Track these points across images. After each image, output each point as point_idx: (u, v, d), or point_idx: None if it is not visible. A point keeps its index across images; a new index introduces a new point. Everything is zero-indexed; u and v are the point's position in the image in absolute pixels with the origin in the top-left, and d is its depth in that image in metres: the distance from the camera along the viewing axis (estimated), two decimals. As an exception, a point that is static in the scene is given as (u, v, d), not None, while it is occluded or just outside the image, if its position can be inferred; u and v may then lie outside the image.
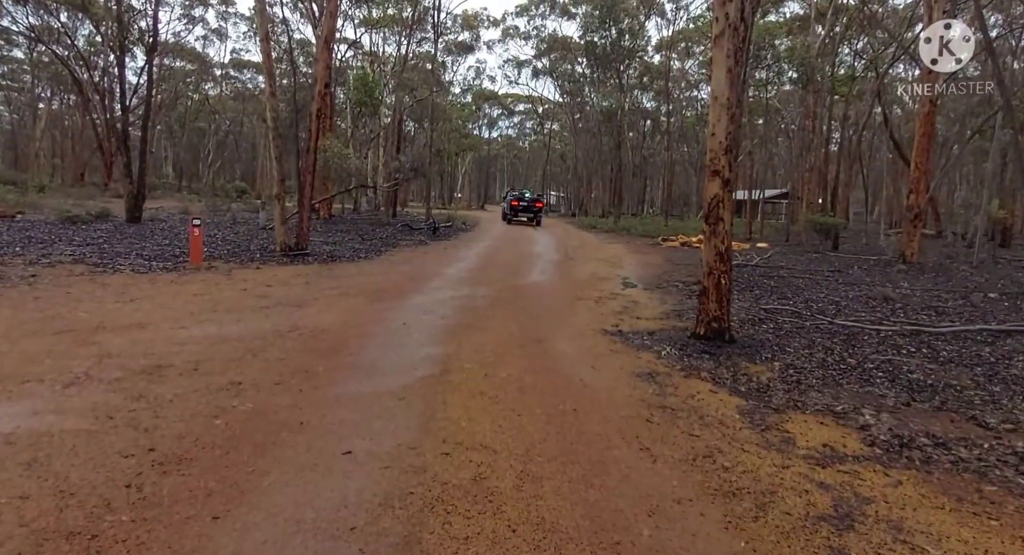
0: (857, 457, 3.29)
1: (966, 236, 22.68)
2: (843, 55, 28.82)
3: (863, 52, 29.36)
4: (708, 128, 5.77)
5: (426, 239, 16.91)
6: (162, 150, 54.86)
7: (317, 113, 11.30)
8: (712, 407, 3.96)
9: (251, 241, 12.57)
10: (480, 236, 19.72)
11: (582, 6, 36.40)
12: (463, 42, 41.70)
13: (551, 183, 61.95)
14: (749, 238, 23.90)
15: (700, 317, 5.85)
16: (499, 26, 43.50)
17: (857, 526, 2.53)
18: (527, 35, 44.27)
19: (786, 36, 31.35)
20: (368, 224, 20.49)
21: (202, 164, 52.92)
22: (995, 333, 6.66)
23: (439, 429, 3.19)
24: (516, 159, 72.15)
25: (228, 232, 14.36)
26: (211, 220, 17.83)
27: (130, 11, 15.72)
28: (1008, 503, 2.84)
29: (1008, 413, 4.03)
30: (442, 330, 5.68)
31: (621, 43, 33.87)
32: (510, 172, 74.40)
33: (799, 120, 32.46)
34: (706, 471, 2.97)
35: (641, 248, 18.68)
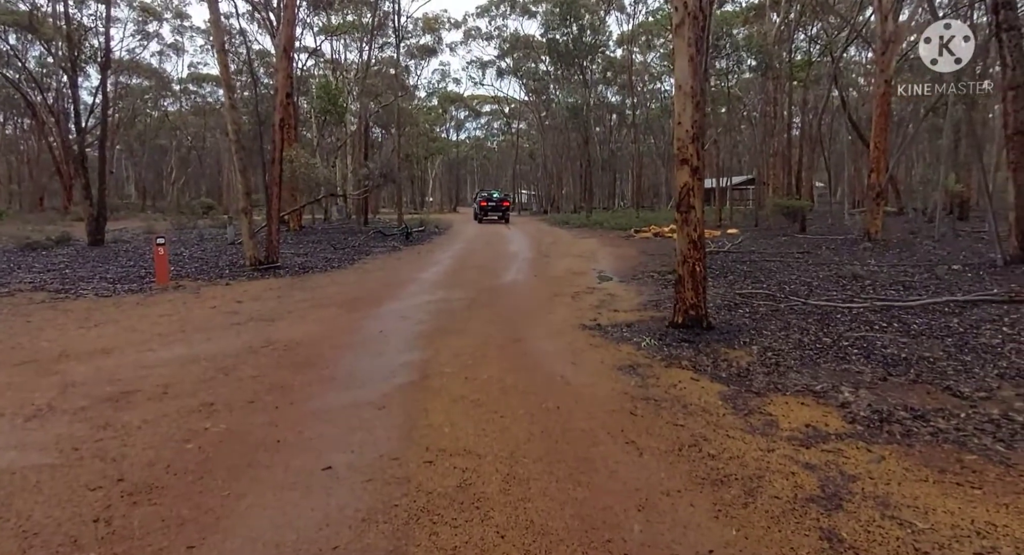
0: (840, 435, 3.32)
1: (926, 211, 23.38)
2: (799, 41, 29.45)
3: (818, 38, 30.05)
4: (675, 118, 5.79)
5: (399, 245, 16.73)
6: (123, 170, 53.30)
7: (280, 123, 11.06)
8: (695, 395, 3.96)
9: (220, 257, 12.26)
10: (453, 239, 19.60)
11: (542, 4, 36.51)
12: (425, 45, 41.45)
13: (522, 182, 62.02)
14: (720, 225, 24.24)
15: (677, 306, 5.87)
16: (460, 28, 43.39)
17: (845, 505, 2.54)
18: (489, 36, 44.22)
19: (743, 25, 31.93)
20: (340, 233, 20.18)
21: (166, 182, 51.62)
22: (962, 304, 6.85)
23: (421, 437, 3.12)
24: (486, 160, 72.06)
25: (196, 249, 13.99)
26: (177, 238, 17.37)
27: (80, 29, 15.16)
28: (989, 471, 2.88)
29: (981, 381, 4.13)
30: (419, 336, 5.59)
31: (582, 39, 34.06)
32: (480, 173, 74.24)
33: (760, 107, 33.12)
34: (693, 460, 2.95)
35: (614, 241, 18.78)
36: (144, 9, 36.12)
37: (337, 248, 15.11)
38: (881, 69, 15.93)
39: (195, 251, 13.57)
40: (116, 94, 40.21)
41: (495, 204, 30.32)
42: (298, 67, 30.94)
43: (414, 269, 11.24)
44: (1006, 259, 9.48)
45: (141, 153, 48.22)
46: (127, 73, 40.39)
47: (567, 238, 20.27)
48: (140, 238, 17.28)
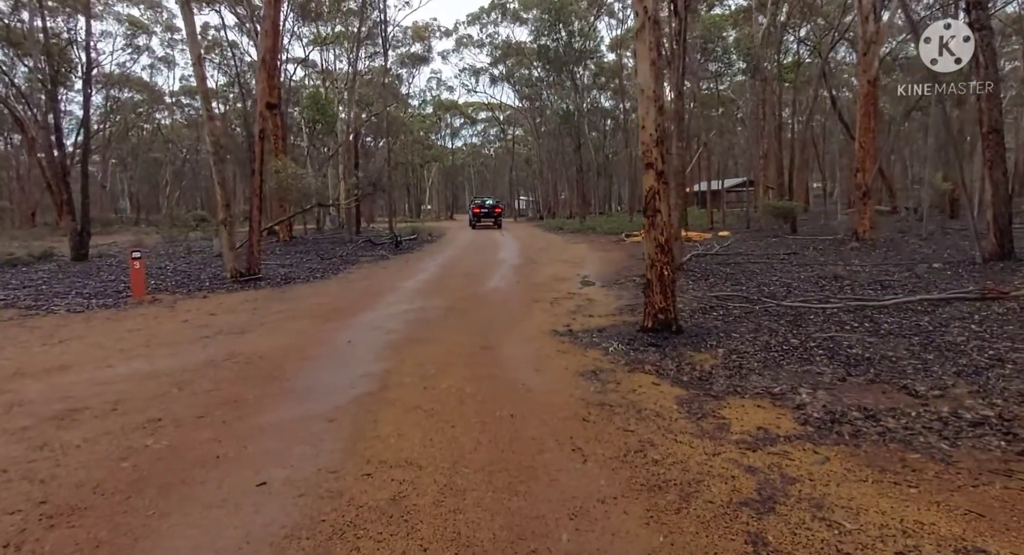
0: (789, 437, 3.31)
1: (917, 210, 23.44)
2: (788, 43, 29.63)
3: (807, 39, 30.24)
4: (639, 121, 5.81)
5: (387, 254, 16.73)
6: (118, 184, 53.41)
7: (260, 134, 11.08)
8: (651, 400, 3.95)
9: (204, 270, 12.26)
10: (444, 246, 19.61)
11: (532, 11, 36.68)
12: (415, 53, 41.65)
13: (519, 188, 62.12)
14: (711, 227, 24.28)
15: (647, 310, 5.87)
16: (452, 36, 43.60)
17: (779, 508, 2.53)
18: (481, 43, 44.37)
19: (732, 28, 32.12)
20: (330, 243, 20.18)
21: (161, 195, 51.70)
22: (935, 302, 6.85)
23: (365, 449, 3.10)
24: (483, 167, 72.14)
25: (181, 262, 13.99)
26: (165, 251, 17.40)
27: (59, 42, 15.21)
28: (928, 469, 2.88)
29: (937, 380, 4.12)
30: (388, 346, 5.58)
31: (572, 45, 34.26)
32: (478, 180, 74.29)
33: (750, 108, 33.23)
34: (635, 466, 2.94)
35: (605, 246, 18.79)
36: (133, 23, 36.28)
37: (324, 258, 15.11)
38: (864, 69, 16.00)
39: (180, 264, 13.57)
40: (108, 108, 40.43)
41: (488, 210, 31.83)
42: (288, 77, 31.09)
43: (398, 278, 11.24)
44: (984, 256, 9.49)
45: (135, 167, 48.31)
46: (118, 87, 40.56)
47: (558, 243, 20.28)
48: (127, 252, 17.23)
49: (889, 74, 29.33)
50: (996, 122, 9.63)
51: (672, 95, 11.25)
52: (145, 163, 49.43)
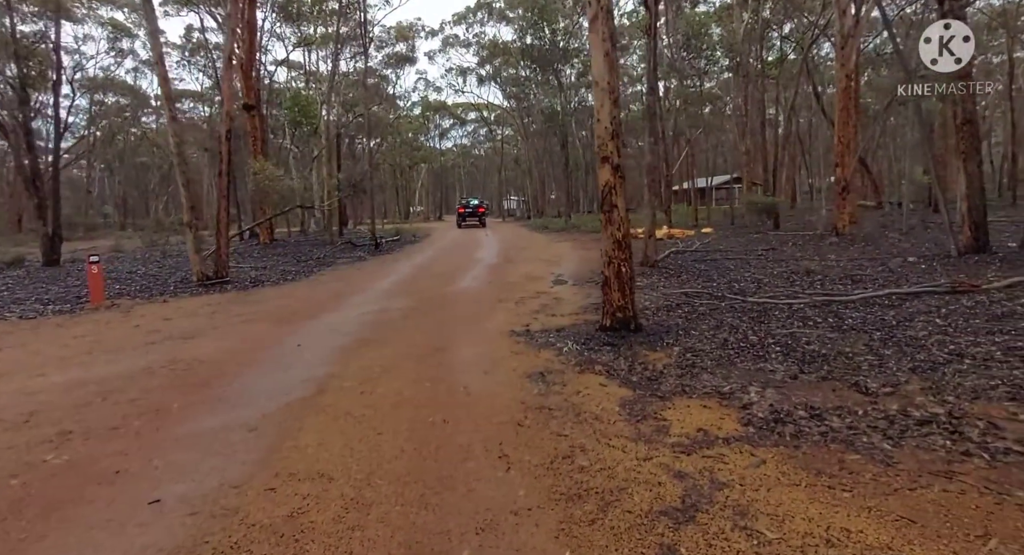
0: (728, 439, 3.18)
1: (901, 205, 23.49)
2: (772, 39, 29.63)
3: (790, 35, 30.24)
4: (594, 115, 5.67)
5: (366, 255, 16.52)
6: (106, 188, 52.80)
7: (226, 135, 10.85)
8: (595, 402, 3.80)
9: (174, 274, 12.02)
10: (425, 247, 19.42)
11: (518, 9, 36.50)
12: (400, 54, 41.35)
13: (509, 188, 61.94)
14: (695, 224, 24.22)
15: (605, 308, 5.74)
16: (438, 36, 43.29)
17: (700, 516, 2.39)
18: (467, 43, 44.14)
19: (716, 25, 32.10)
20: (310, 245, 19.94)
21: (150, 199, 51.14)
22: (904, 296, 6.76)
23: (279, 460, 2.94)
24: (473, 167, 71.84)
25: (154, 266, 13.73)
26: (142, 256, 17.12)
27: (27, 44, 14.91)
28: (866, 471, 2.75)
29: (891, 376, 4.01)
30: (339, 349, 5.41)
31: (557, 43, 34.15)
32: (468, 181, 73.99)
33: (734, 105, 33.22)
34: (560, 474, 2.80)
35: (587, 244, 18.66)
36: (115, 26, 35.85)
37: (300, 260, 14.89)
38: (842, 63, 15.96)
39: (152, 268, 13.32)
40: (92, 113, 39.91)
41: (472, 210, 33.28)
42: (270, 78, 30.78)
43: (370, 279, 11.06)
44: (959, 250, 9.43)
45: (120, 171, 47.75)
46: (102, 91, 40.10)
47: (541, 242, 20.15)
48: (104, 257, 16.94)
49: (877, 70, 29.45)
50: (970, 114, 9.57)
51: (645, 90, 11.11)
52: (132, 168, 48.88)
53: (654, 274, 9.90)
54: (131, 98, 43.14)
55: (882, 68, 28.70)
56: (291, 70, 37.58)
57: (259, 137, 21.32)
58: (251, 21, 20.87)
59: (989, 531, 2.23)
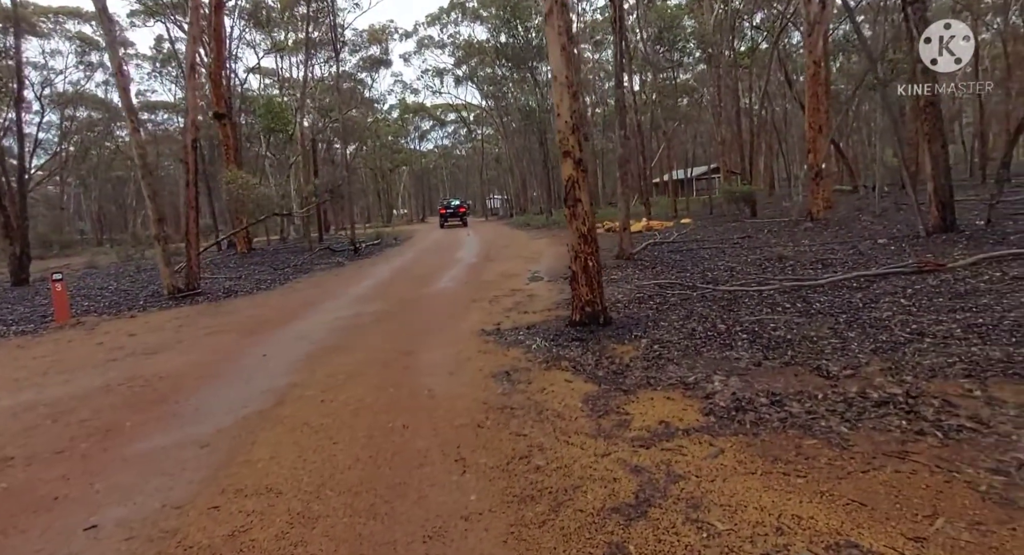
0: (688, 430, 3.15)
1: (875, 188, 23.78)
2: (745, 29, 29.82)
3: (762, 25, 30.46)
4: (555, 109, 5.62)
5: (344, 261, 16.35)
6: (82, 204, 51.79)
7: (192, 145, 10.66)
8: (558, 399, 3.76)
9: (147, 287, 11.78)
10: (405, 250, 19.28)
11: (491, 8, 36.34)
12: (374, 57, 41.02)
13: (492, 187, 61.76)
14: (675, 215, 24.33)
15: (574, 303, 5.70)
16: (412, 37, 42.96)
17: (652, 511, 2.36)
18: (442, 44, 43.83)
19: (689, 17, 32.25)
20: (289, 253, 19.69)
21: (128, 214, 50.21)
22: (871, 278, 6.81)
23: (228, 477, 2.85)
24: (455, 168, 71.48)
25: (126, 281, 13.45)
26: (116, 271, 16.79)
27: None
28: (822, 456, 2.74)
29: (853, 358, 4.01)
30: (305, 357, 5.31)
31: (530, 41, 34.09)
32: (451, 181, 73.63)
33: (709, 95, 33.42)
34: (515, 475, 2.75)
35: (565, 240, 18.58)
36: (83, 40, 35.15)
37: (276, 268, 14.68)
38: (809, 50, 16.10)
39: (124, 283, 13.05)
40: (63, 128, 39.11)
41: (453, 211, 34.17)
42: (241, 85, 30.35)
43: (346, 284, 10.93)
44: (928, 230, 9.54)
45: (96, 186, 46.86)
46: (72, 105, 39.35)
47: (521, 240, 20.10)
48: (78, 274, 16.64)
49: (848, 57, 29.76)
50: (933, 96, 9.67)
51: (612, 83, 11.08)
52: (108, 182, 47.97)
53: (629, 266, 9.91)
54: (103, 112, 42.41)
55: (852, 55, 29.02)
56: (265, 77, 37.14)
57: (231, 145, 21.00)
58: (218, 29, 20.55)
59: (937, 510, 2.22)
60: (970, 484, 2.37)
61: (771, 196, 32.32)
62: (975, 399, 3.14)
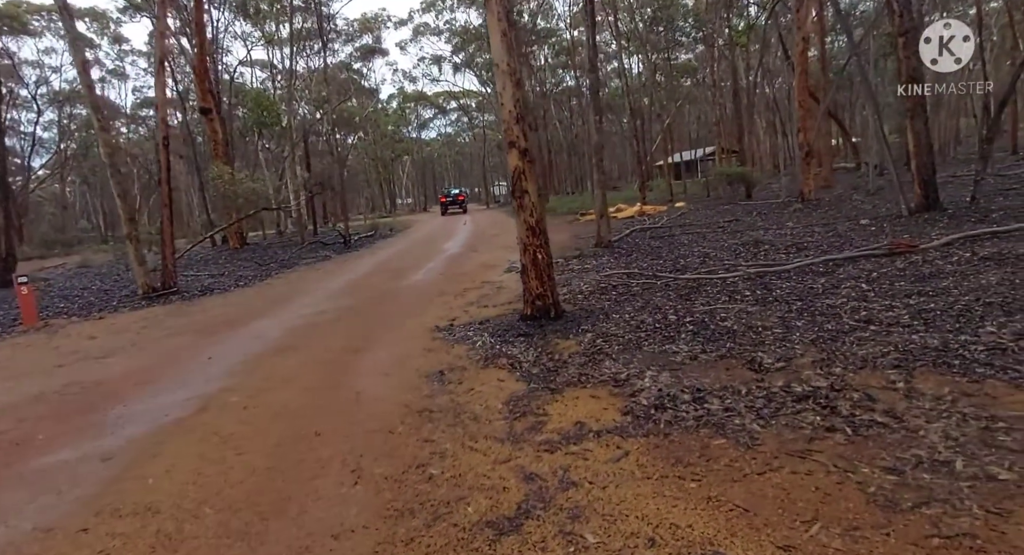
0: (601, 431, 3.04)
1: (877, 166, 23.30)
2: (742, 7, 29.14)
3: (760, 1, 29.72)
4: (498, 98, 5.46)
5: (332, 254, 16.28)
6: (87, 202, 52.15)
7: (163, 141, 10.57)
8: (481, 401, 3.66)
9: (127, 287, 11.77)
10: (396, 242, 19.16)
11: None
12: (367, 46, 40.63)
13: (496, 174, 61.34)
14: (670, 199, 23.98)
15: (525, 297, 5.58)
16: (407, 25, 42.36)
17: (527, 524, 2.25)
18: (438, 31, 43.23)
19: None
20: (280, 247, 19.66)
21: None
22: (840, 261, 6.62)
23: (113, 494, 2.78)
24: (459, 156, 70.92)
25: (111, 280, 13.45)
26: (108, 270, 16.80)
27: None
28: (725, 457, 2.62)
29: (790, 349, 3.87)
30: (251, 358, 5.25)
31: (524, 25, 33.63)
32: (455, 170, 73.11)
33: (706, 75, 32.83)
34: (405, 486, 2.65)
35: (558, 227, 18.43)
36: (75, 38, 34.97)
37: (262, 264, 14.64)
38: (799, 26, 15.67)
39: (108, 282, 13.06)
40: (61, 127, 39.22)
41: (453, 199, 35.61)
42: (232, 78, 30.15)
43: (323, 280, 10.86)
44: (910, 209, 9.29)
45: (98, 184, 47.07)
46: (70, 103, 39.47)
47: (512, 228, 19.78)
48: (69, 274, 16.71)
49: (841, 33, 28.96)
50: (915, 71, 9.35)
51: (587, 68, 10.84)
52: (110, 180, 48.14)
53: (605, 255, 9.76)
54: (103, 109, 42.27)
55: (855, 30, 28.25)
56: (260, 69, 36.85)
57: (219, 141, 20.89)
58: (199, 22, 20.37)
59: (818, 515, 2.11)
60: (861, 485, 2.25)
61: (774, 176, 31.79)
62: (896, 392, 3.00)
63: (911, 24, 9.45)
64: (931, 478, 2.23)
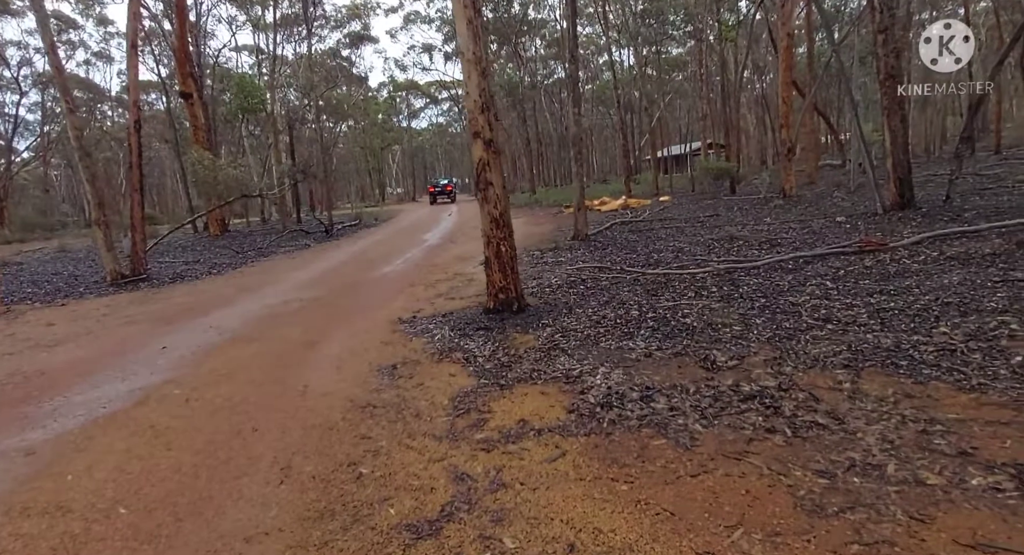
0: (543, 430, 2.96)
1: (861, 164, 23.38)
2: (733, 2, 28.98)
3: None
4: (463, 88, 5.33)
5: (312, 243, 16.08)
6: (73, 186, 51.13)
7: (135, 125, 10.29)
8: (427, 396, 3.57)
9: (97, 273, 11.53)
10: (377, 231, 18.95)
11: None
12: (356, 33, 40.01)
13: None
14: (656, 193, 23.95)
15: (489, 290, 5.49)
16: (398, 12, 41.82)
17: (447, 528, 2.17)
18: (429, 19, 42.71)
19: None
20: (261, 234, 19.40)
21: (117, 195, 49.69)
22: (810, 258, 6.59)
23: (28, 492, 2.67)
24: (450, 146, 70.33)
25: (85, 266, 13.17)
26: (85, 255, 16.44)
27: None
28: (662, 458, 2.56)
29: (744, 347, 3.82)
30: (203, 349, 5.12)
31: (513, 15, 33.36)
32: (446, 160, 72.55)
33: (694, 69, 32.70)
34: (331, 486, 2.56)
35: (542, 218, 18.42)
36: (58, 18, 34.17)
37: (239, 252, 14.42)
38: (783, 22, 15.60)
39: (82, 268, 12.79)
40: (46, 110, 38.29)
41: (441, 189, 36.59)
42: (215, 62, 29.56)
43: (296, 269, 10.70)
44: (884, 207, 9.29)
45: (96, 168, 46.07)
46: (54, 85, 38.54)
47: (496, 220, 19.73)
48: (45, 259, 16.33)
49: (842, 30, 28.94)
50: (892, 68, 9.32)
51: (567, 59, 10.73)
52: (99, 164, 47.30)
53: (581, 248, 9.68)
54: (86, 92, 41.47)
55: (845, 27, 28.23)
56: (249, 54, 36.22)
57: (199, 126, 20.50)
58: (180, 4, 19.90)
59: (744, 520, 2.05)
60: (791, 488, 2.20)
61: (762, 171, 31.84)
62: (841, 392, 2.95)
63: (890, 22, 9.39)
64: (861, 482, 2.18)
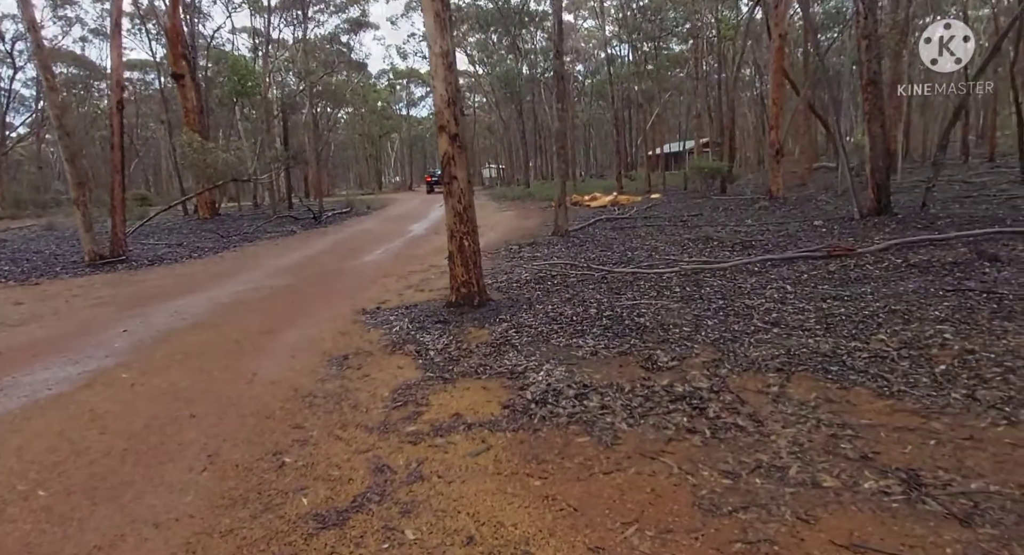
0: (474, 424, 3.00)
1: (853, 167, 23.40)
2: (735, 0, 28.85)
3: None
4: (431, 81, 5.32)
5: (298, 229, 16.04)
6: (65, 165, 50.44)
7: (118, 105, 10.23)
8: (370, 388, 3.61)
9: (78, 253, 11.49)
10: (366, 220, 18.94)
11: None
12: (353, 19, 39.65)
13: (486, 157, 60.72)
14: (648, 190, 23.97)
15: (451, 284, 5.52)
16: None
17: (355, 518, 2.21)
18: (430, 5, 42.20)
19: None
20: (250, 219, 19.32)
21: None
22: (778, 261, 6.64)
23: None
24: (452, 135, 69.62)
25: (67, 245, 13.12)
26: (69, 234, 16.34)
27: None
28: (581, 455, 2.60)
29: (688, 348, 3.86)
30: (164, 334, 5.13)
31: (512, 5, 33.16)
32: (448, 149, 71.80)
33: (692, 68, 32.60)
34: (252, 473, 2.60)
35: (531, 212, 18.42)
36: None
37: (224, 236, 14.36)
38: (775, 23, 15.54)
39: (64, 247, 12.76)
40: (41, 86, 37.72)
41: (437, 179, 36.49)
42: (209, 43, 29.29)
43: (276, 255, 10.69)
44: (862, 212, 9.34)
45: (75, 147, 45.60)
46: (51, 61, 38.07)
47: (487, 211, 19.70)
48: (31, 236, 16.22)
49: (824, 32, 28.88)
50: (875, 74, 9.34)
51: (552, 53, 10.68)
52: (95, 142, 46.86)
53: (559, 244, 9.70)
54: (81, 69, 41.06)
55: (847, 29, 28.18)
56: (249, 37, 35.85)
57: (191, 108, 20.35)
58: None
59: (641, 517, 2.10)
60: (694, 488, 2.25)
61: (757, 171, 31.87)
62: (767, 395, 3.00)
63: (874, 27, 9.39)
64: (761, 483, 2.23)
